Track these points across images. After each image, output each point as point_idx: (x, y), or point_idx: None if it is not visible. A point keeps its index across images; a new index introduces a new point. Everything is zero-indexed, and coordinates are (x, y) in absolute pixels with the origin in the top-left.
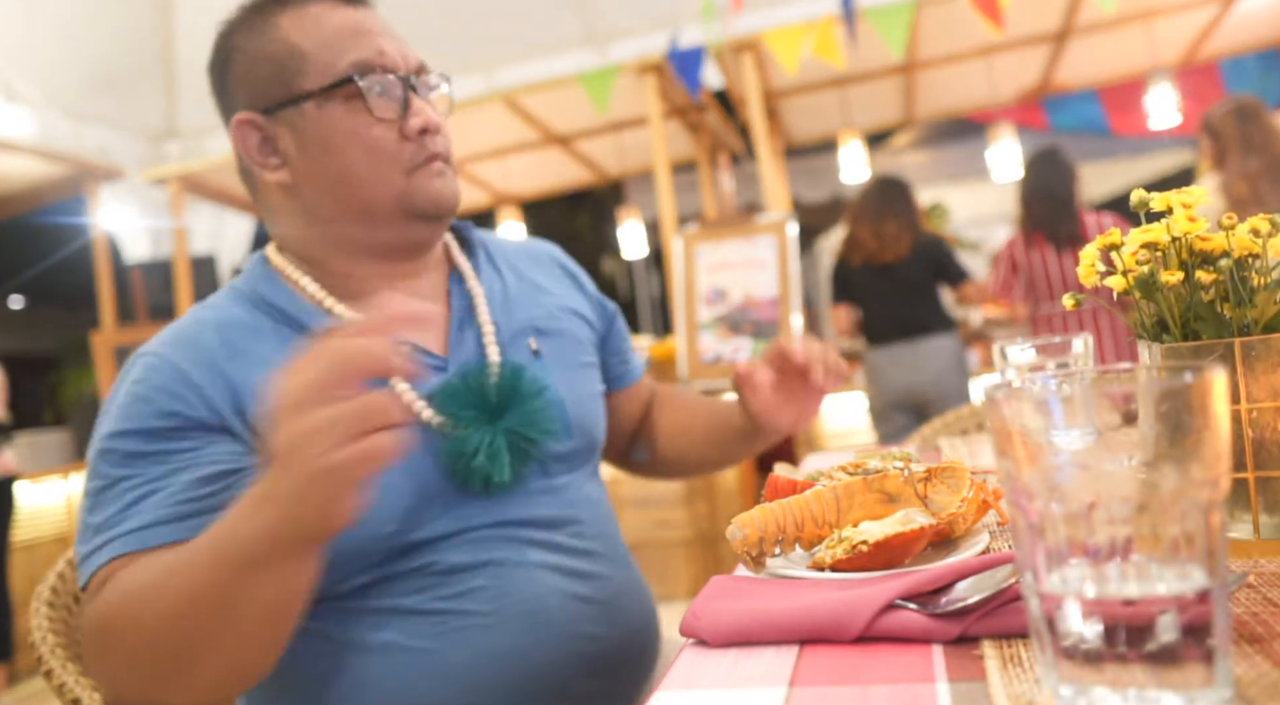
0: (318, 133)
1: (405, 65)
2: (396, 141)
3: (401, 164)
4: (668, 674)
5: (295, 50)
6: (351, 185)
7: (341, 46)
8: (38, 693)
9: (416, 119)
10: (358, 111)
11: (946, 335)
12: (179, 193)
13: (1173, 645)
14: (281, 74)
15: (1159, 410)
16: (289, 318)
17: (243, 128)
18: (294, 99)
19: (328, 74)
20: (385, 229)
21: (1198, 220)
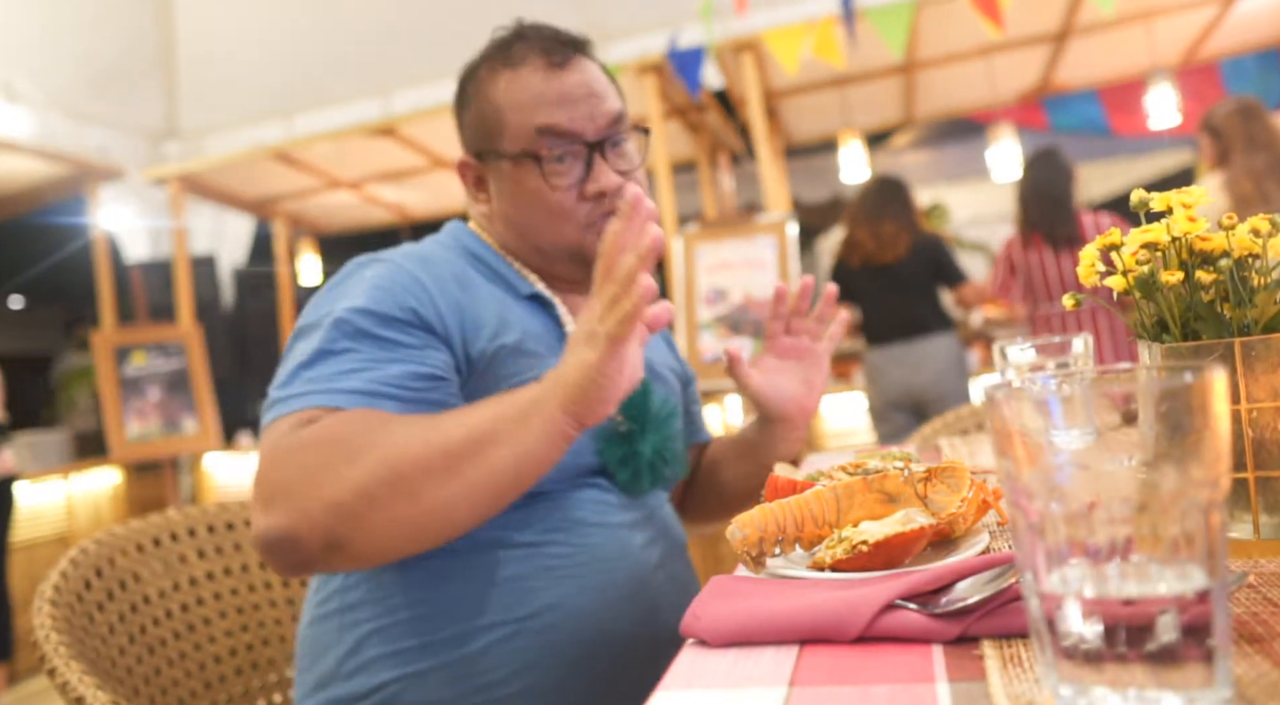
0: (510, 188)
1: (593, 128)
2: (574, 202)
3: (577, 222)
4: (668, 674)
5: (498, 112)
6: (532, 234)
7: (534, 111)
8: (38, 693)
9: (594, 185)
10: (539, 177)
11: (945, 335)
12: (179, 193)
13: (1173, 645)
14: (488, 134)
15: (1159, 410)
16: (503, 279)
17: (463, 168)
18: (494, 154)
19: (519, 139)
20: (560, 267)
21: (1198, 220)
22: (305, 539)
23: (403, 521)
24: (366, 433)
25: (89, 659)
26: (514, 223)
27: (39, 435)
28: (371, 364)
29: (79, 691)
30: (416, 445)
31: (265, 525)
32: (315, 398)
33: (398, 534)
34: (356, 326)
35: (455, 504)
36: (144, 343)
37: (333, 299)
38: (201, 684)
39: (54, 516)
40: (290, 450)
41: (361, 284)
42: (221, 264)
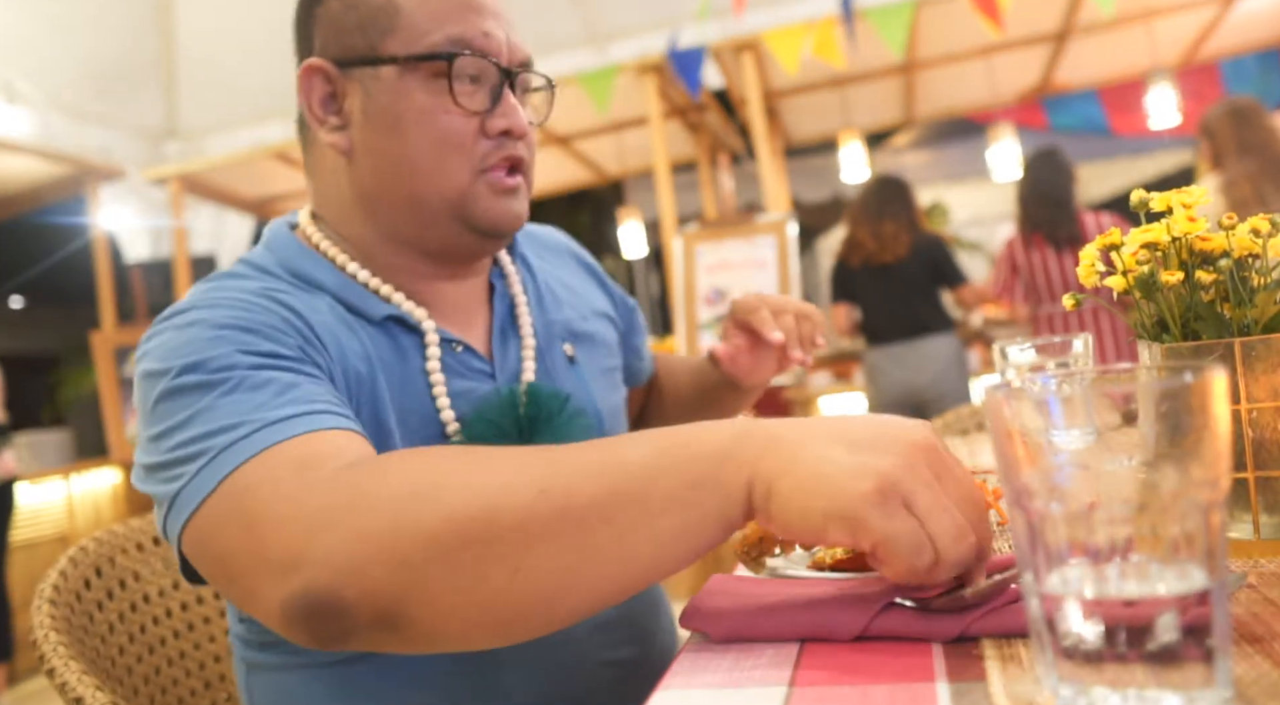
0: (390, 104)
1: (509, 56)
2: (474, 136)
3: (472, 162)
4: (668, 673)
5: (391, 4)
6: (411, 170)
7: (444, 15)
8: (38, 692)
9: (503, 119)
10: (440, 92)
11: (946, 335)
12: (179, 193)
13: (1173, 645)
14: (369, 27)
15: (1159, 410)
16: (346, 302)
17: (310, 75)
18: (375, 59)
19: (419, 41)
20: (435, 229)
21: (1198, 220)
22: (352, 605)
23: (493, 601)
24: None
25: (88, 658)
26: (383, 156)
27: (39, 435)
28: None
29: (78, 692)
30: (521, 492)
31: (296, 588)
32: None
33: (481, 619)
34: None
35: (564, 584)
36: None
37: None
38: (201, 683)
39: (54, 516)
40: (312, 493)
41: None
42: (221, 264)
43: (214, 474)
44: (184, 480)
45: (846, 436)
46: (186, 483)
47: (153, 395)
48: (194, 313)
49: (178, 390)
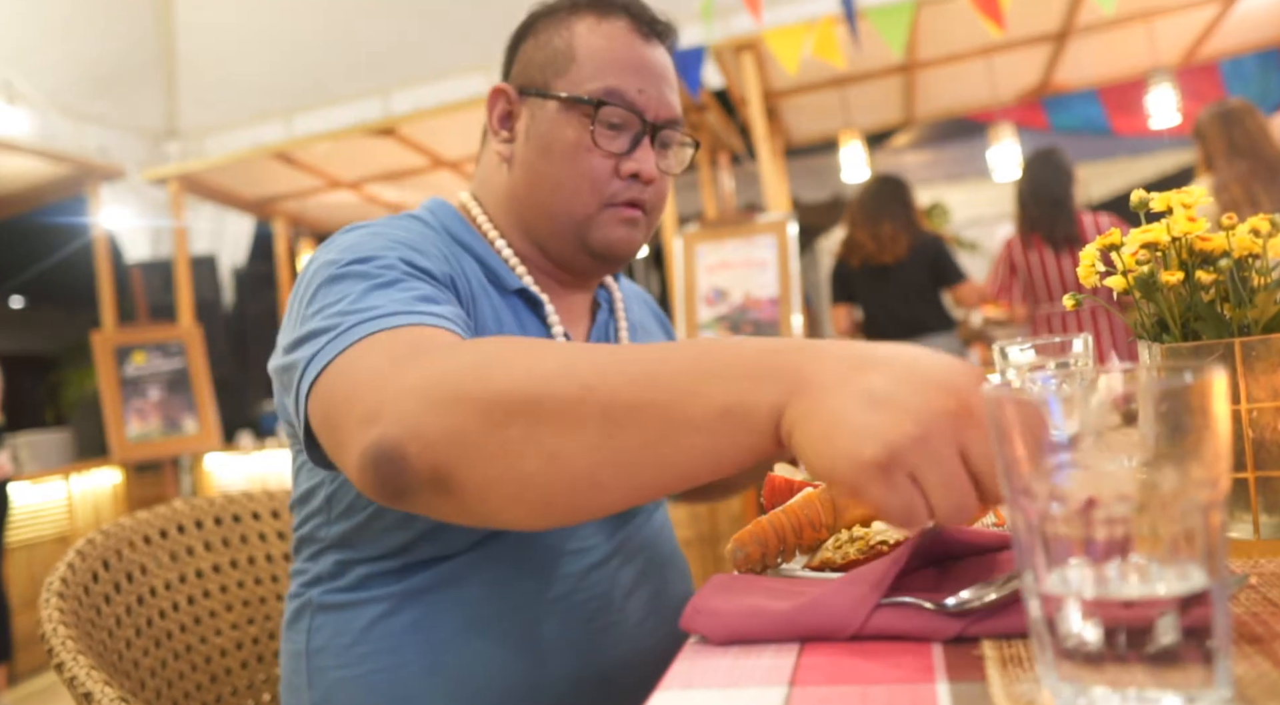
0: (547, 131)
1: (656, 113)
2: (608, 174)
3: (601, 194)
4: (668, 673)
5: (571, 52)
6: (551, 189)
7: (608, 69)
8: (38, 692)
9: (633, 163)
10: (587, 131)
11: (945, 335)
12: (179, 193)
13: (1173, 645)
14: (548, 66)
15: (1159, 410)
16: (491, 270)
17: (496, 95)
18: (544, 93)
19: (581, 86)
20: (560, 242)
21: (1198, 220)
22: (412, 461)
23: (529, 475)
24: (506, 350)
25: (96, 652)
26: (533, 171)
27: (39, 435)
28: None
29: (87, 687)
30: (573, 386)
31: (371, 440)
32: (411, 317)
33: (518, 490)
34: (404, 269)
35: (596, 476)
36: (144, 343)
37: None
38: (208, 676)
39: (54, 516)
40: (401, 359)
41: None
42: (221, 264)
43: (341, 343)
44: (318, 346)
45: (873, 386)
46: (319, 349)
47: (320, 278)
48: (375, 227)
49: (342, 276)
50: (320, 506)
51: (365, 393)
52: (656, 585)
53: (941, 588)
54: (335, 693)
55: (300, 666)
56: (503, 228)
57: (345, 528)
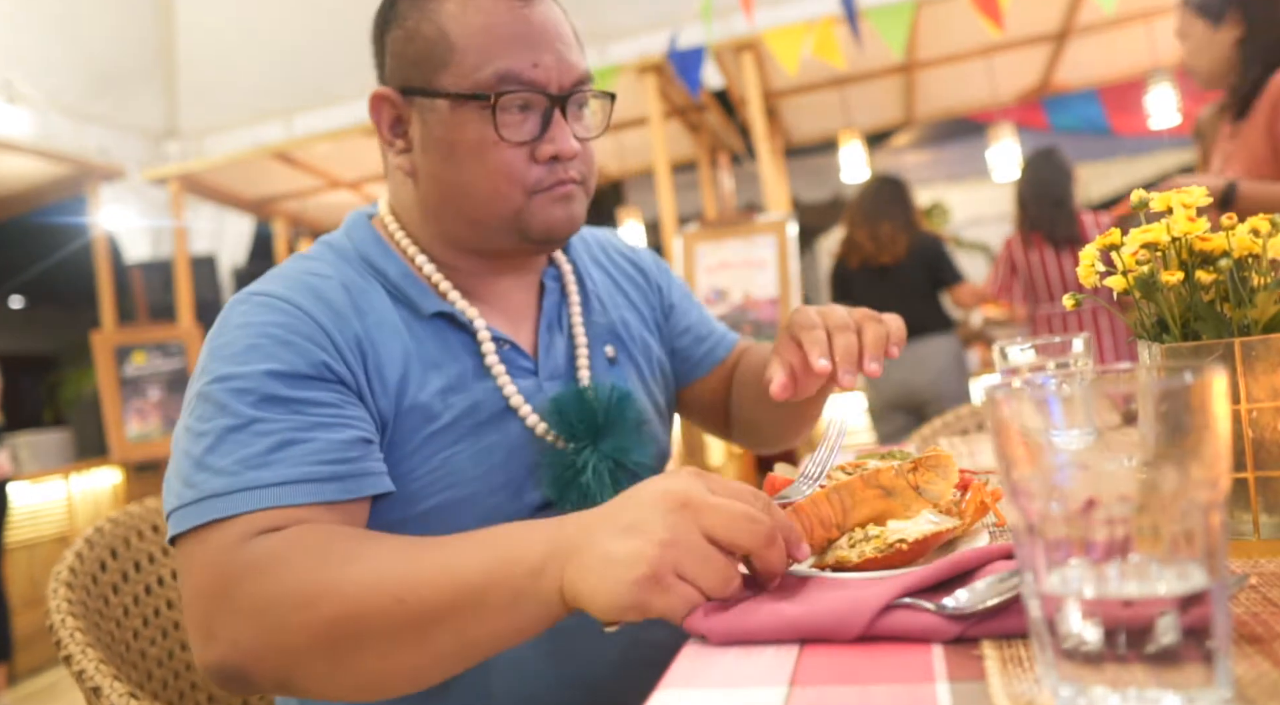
0: (444, 135)
1: (559, 81)
2: (525, 163)
3: (525, 186)
4: (668, 673)
5: (445, 39)
6: (466, 196)
7: (493, 48)
8: (38, 692)
9: (550, 146)
10: (489, 126)
11: (945, 335)
12: (179, 193)
13: (1173, 645)
14: (426, 60)
15: (1159, 410)
16: (404, 294)
17: (378, 102)
18: (430, 92)
19: (469, 78)
20: (496, 240)
21: (1197, 220)
22: (255, 677)
23: (362, 677)
24: (330, 568)
25: (104, 643)
26: (440, 181)
27: (39, 435)
28: (291, 435)
29: (96, 681)
30: (388, 600)
31: (213, 658)
32: (250, 497)
33: (355, 688)
34: (261, 393)
35: (423, 670)
36: (144, 342)
37: (224, 360)
38: None
39: (54, 516)
40: (231, 579)
41: (255, 337)
42: (221, 264)
43: (192, 518)
44: (175, 504)
45: (619, 523)
46: (174, 509)
47: (194, 387)
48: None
49: (206, 397)
50: None
51: (199, 611)
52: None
53: (941, 588)
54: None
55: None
56: (423, 241)
57: None
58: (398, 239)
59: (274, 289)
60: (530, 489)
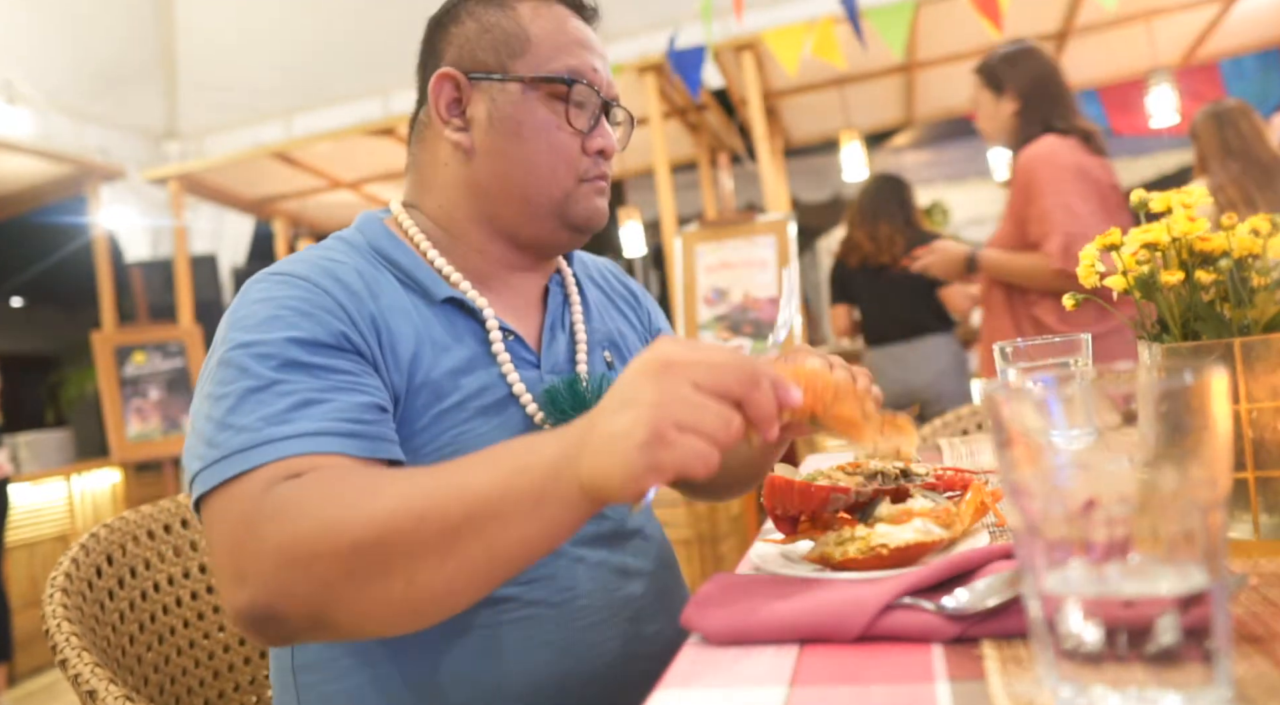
0: (514, 114)
1: (607, 90)
2: (578, 151)
3: (575, 171)
4: (667, 673)
5: (524, 33)
6: (528, 173)
7: (566, 49)
8: (38, 692)
9: (601, 139)
10: (556, 111)
11: (944, 335)
12: (179, 193)
13: (1173, 645)
14: (502, 48)
15: (1159, 410)
16: (415, 281)
17: (443, 82)
18: (504, 76)
19: (544, 67)
20: (537, 224)
21: (1198, 220)
22: (289, 615)
23: (395, 602)
24: (351, 498)
25: (100, 648)
26: (503, 157)
27: (39, 435)
28: (312, 395)
29: (91, 685)
30: (410, 520)
31: (244, 601)
32: (270, 450)
33: (389, 614)
34: (283, 358)
35: (453, 586)
36: (144, 342)
37: (245, 329)
38: (210, 672)
39: (54, 516)
40: (260, 521)
41: (276, 308)
42: (221, 264)
43: (216, 475)
44: (199, 466)
45: (613, 404)
46: (199, 471)
47: (216, 354)
48: (276, 289)
49: (227, 362)
50: None
51: (227, 557)
52: (644, 584)
53: (941, 588)
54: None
55: (289, 682)
56: (447, 227)
57: None
58: (411, 234)
59: (292, 269)
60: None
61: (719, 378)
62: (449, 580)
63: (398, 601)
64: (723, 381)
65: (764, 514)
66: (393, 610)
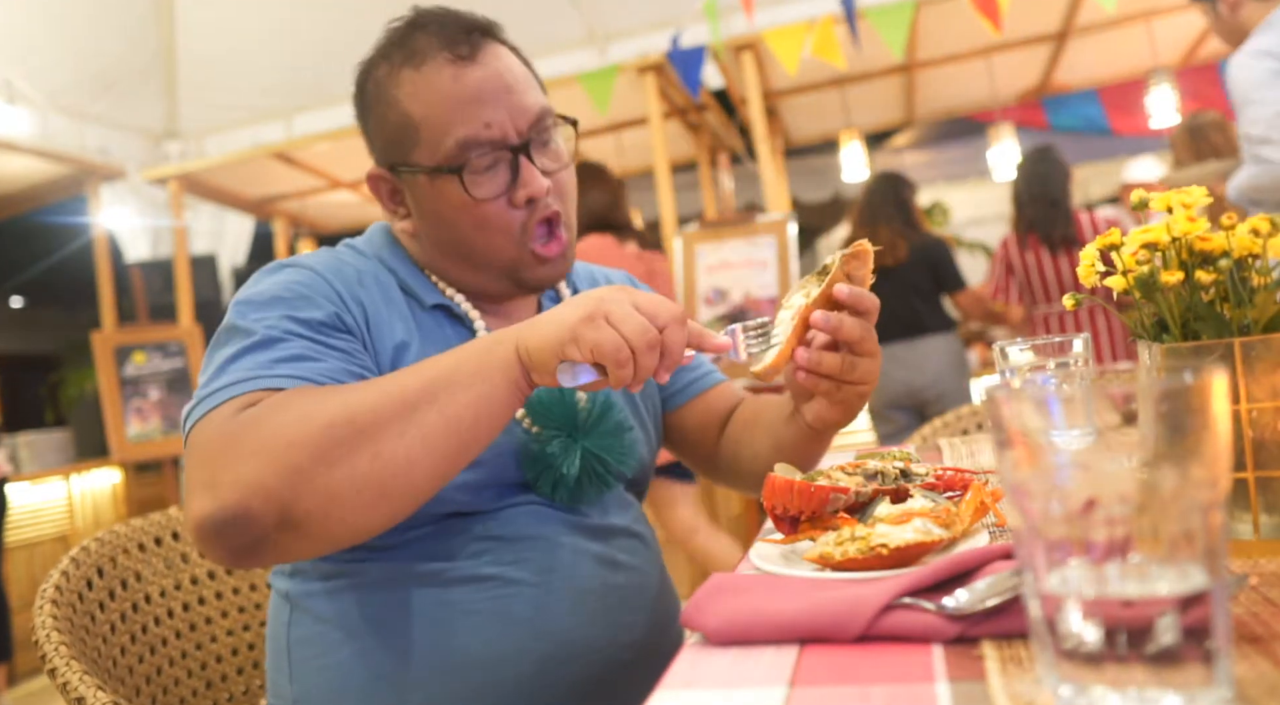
0: (432, 204)
1: (515, 130)
2: (505, 211)
3: (512, 235)
4: (667, 673)
5: (410, 121)
6: (463, 251)
7: (449, 120)
8: (37, 692)
9: (523, 191)
10: (463, 190)
11: (945, 335)
12: (179, 193)
13: (1173, 645)
14: (401, 141)
15: (1159, 410)
16: (410, 288)
17: (375, 181)
18: (411, 169)
19: (436, 152)
20: (498, 284)
21: (1197, 220)
22: (258, 514)
23: (361, 479)
24: (317, 396)
25: (90, 659)
26: (439, 242)
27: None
28: (310, 354)
29: (80, 692)
30: (371, 397)
31: (211, 505)
32: (254, 382)
33: (358, 499)
34: (284, 328)
35: (415, 457)
36: (144, 342)
37: (252, 306)
38: (203, 683)
39: (54, 516)
40: (235, 430)
41: (280, 289)
42: (221, 264)
43: (203, 409)
44: (189, 408)
45: (568, 303)
46: (189, 411)
47: (224, 324)
48: (283, 275)
49: (232, 328)
50: None
51: (199, 470)
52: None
53: (941, 588)
54: (315, 680)
55: (282, 662)
56: (428, 265)
57: None
58: (412, 252)
59: (296, 260)
60: (513, 469)
61: (653, 305)
62: (409, 448)
63: (363, 478)
64: (654, 307)
65: (764, 514)
66: (360, 491)
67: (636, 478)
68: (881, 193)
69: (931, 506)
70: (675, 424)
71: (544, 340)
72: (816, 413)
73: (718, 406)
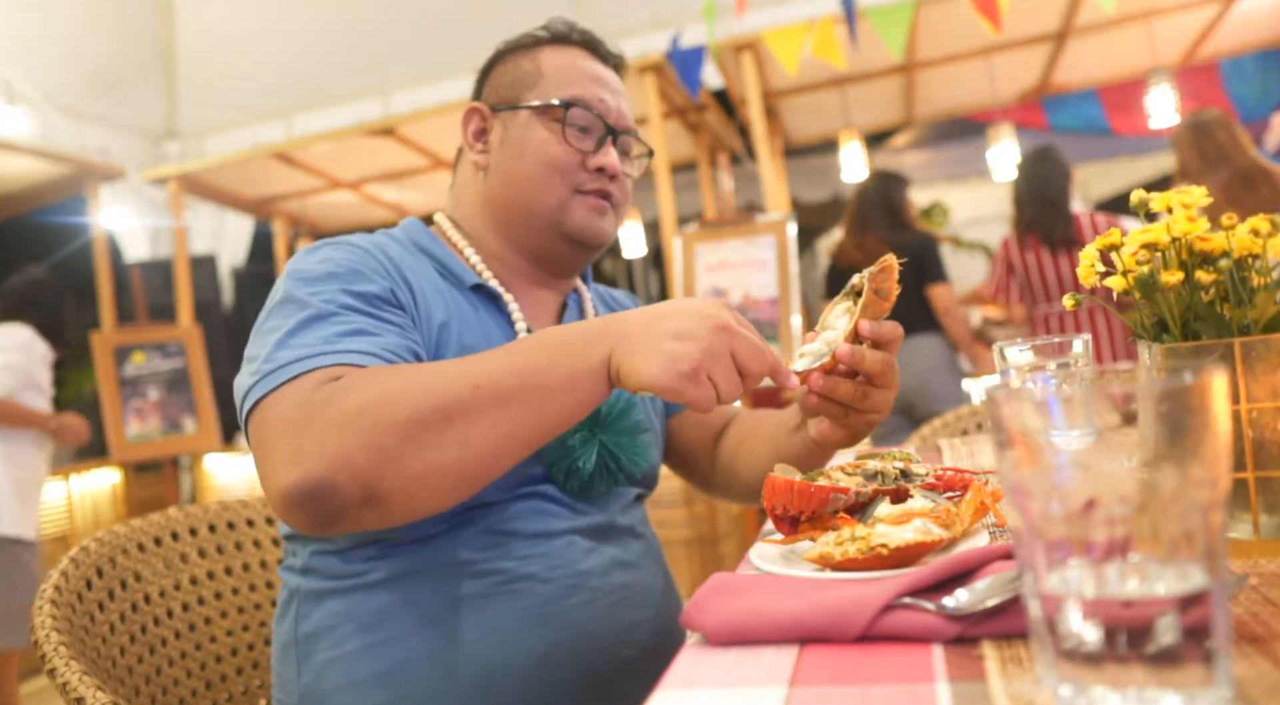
0: (519, 137)
1: (615, 120)
2: (575, 163)
3: (570, 182)
4: (667, 673)
5: (539, 70)
6: (527, 182)
7: (573, 82)
8: (37, 692)
9: (600, 158)
10: (554, 131)
11: (932, 335)
12: (179, 193)
13: (1173, 645)
14: (519, 84)
15: (1159, 410)
16: (450, 271)
17: (470, 114)
18: (516, 106)
19: (549, 96)
20: (537, 233)
21: (1197, 220)
22: (343, 488)
23: (448, 466)
24: (402, 377)
25: (90, 659)
26: (506, 172)
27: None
28: (369, 328)
29: (79, 692)
30: (461, 386)
31: (296, 476)
32: (323, 358)
33: (442, 483)
34: (342, 301)
35: (503, 450)
36: (144, 343)
37: (306, 280)
38: (202, 683)
39: (54, 516)
40: (320, 404)
41: (333, 265)
42: (221, 264)
43: (264, 387)
44: (251, 381)
45: (671, 327)
46: (251, 386)
47: (278, 295)
48: (335, 252)
49: (289, 299)
50: None
51: (282, 441)
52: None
53: (941, 588)
54: (324, 673)
55: (290, 657)
56: (476, 238)
57: None
58: (451, 237)
59: (344, 239)
60: (532, 460)
61: (751, 356)
62: (499, 441)
63: (450, 465)
64: (751, 361)
65: (764, 514)
66: (445, 476)
67: (645, 478)
68: (870, 199)
69: (931, 507)
70: (673, 429)
71: (643, 378)
72: (823, 431)
73: (715, 414)
